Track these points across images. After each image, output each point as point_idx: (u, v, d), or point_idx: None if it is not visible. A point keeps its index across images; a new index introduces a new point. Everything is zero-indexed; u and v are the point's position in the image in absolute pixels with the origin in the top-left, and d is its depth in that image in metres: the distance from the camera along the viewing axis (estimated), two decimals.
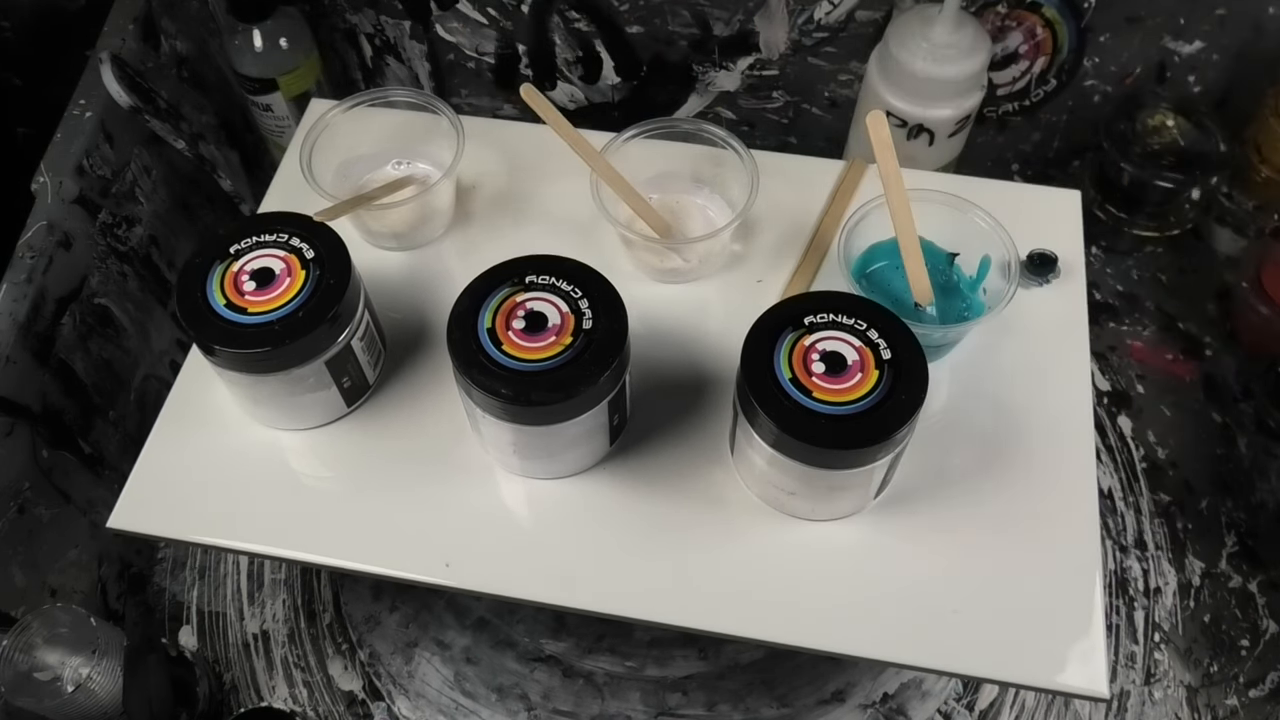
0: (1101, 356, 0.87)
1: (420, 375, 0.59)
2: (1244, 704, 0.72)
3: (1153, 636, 0.75)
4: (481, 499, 0.55)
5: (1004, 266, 0.57)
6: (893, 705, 0.72)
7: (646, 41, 0.87)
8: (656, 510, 0.55)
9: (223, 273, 0.53)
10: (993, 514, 0.54)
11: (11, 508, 0.67)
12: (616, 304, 0.51)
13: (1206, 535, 0.78)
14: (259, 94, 0.87)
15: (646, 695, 0.73)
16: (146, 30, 0.82)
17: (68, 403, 0.72)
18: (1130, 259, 0.91)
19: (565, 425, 0.50)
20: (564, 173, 0.67)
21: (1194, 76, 0.86)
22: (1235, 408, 0.83)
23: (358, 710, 0.74)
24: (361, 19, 0.91)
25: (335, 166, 0.64)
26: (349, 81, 0.97)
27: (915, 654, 0.51)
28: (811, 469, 0.49)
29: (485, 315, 0.50)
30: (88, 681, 0.62)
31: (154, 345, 0.82)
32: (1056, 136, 0.92)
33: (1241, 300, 0.84)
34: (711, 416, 0.57)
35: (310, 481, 0.56)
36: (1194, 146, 0.84)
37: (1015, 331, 0.60)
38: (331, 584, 0.78)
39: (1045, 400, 0.58)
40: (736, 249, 0.64)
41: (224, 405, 0.58)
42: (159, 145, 0.82)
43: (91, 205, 0.75)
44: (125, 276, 0.78)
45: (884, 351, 0.49)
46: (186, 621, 0.78)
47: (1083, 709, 0.72)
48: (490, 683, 0.74)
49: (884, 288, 0.60)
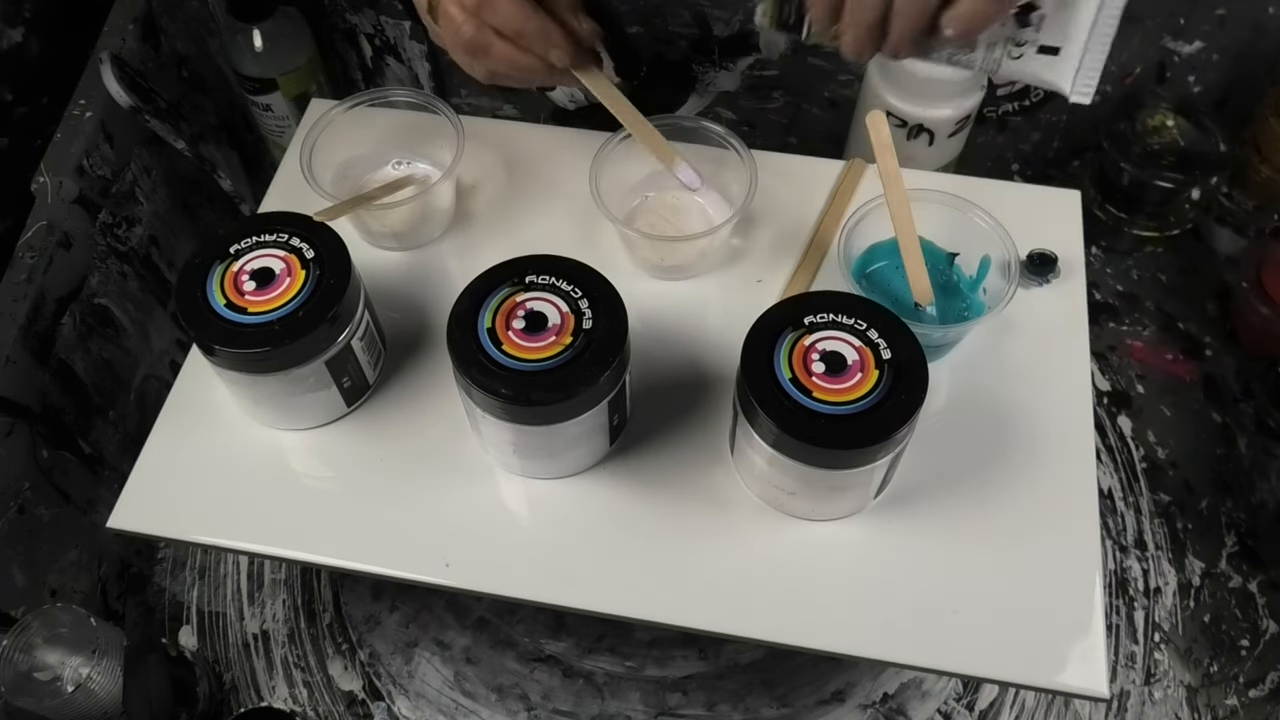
0: (1101, 356, 0.87)
1: (420, 375, 0.59)
2: (1244, 704, 0.72)
3: (1153, 636, 0.75)
4: (481, 499, 0.55)
5: (1004, 266, 0.57)
6: (893, 705, 0.72)
7: (646, 41, 0.87)
8: (656, 510, 0.55)
9: (223, 273, 0.53)
10: (993, 514, 0.54)
11: (11, 508, 0.67)
12: (616, 304, 0.51)
13: (1206, 535, 0.78)
14: (259, 94, 0.87)
15: (646, 695, 0.73)
16: (146, 30, 0.82)
17: (68, 403, 0.72)
18: (1130, 259, 0.91)
19: (565, 425, 0.50)
20: (563, 173, 0.67)
21: (1194, 76, 0.86)
22: (1235, 408, 0.83)
23: (358, 710, 0.74)
24: (361, 19, 0.91)
25: (335, 166, 0.64)
26: (349, 81, 0.97)
27: (915, 654, 0.51)
28: (811, 469, 0.49)
29: (485, 315, 0.50)
30: (88, 681, 0.62)
31: (154, 345, 0.82)
32: (1056, 136, 0.92)
33: (1241, 300, 0.84)
34: (711, 416, 0.57)
35: (310, 481, 0.56)
36: (1194, 146, 0.84)
37: (1015, 331, 0.60)
38: (331, 584, 0.78)
39: (1045, 400, 0.58)
40: (736, 243, 0.64)
41: (224, 405, 0.58)
42: (159, 145, 0.82)
43: (91, 205, 0.75)
44: (125, 276, 0.78)
45: (884, 351, 0.49)
46: (186, 621, 0.78)
47: (1083, 709, 0.72)
48: (490, 683, 0.74)
49: (884, 288, 0.60)
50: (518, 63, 0.57)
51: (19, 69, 0.75)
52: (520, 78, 0.58)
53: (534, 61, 0.57)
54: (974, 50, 0.47)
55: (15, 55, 0.75)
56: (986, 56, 0.47)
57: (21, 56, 0.75)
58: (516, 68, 0.57)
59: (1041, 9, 0.45)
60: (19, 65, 0.75)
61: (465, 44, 0.56)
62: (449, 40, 0.57)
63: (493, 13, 0.55)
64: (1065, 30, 0.45)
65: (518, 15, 0.55)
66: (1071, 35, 0.44)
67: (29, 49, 0.76)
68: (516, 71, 0.57)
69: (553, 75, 0.58)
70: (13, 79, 0.75)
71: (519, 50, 0.56)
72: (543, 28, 0.56)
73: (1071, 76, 0.45)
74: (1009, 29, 0.46)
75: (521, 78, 0.58)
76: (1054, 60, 0.45)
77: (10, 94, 0.75)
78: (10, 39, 0.74)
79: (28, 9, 0.75)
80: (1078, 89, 0.46)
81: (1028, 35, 0.45)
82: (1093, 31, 0.44)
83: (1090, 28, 0.44)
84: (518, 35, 0.55)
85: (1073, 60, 0.45)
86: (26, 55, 0.76)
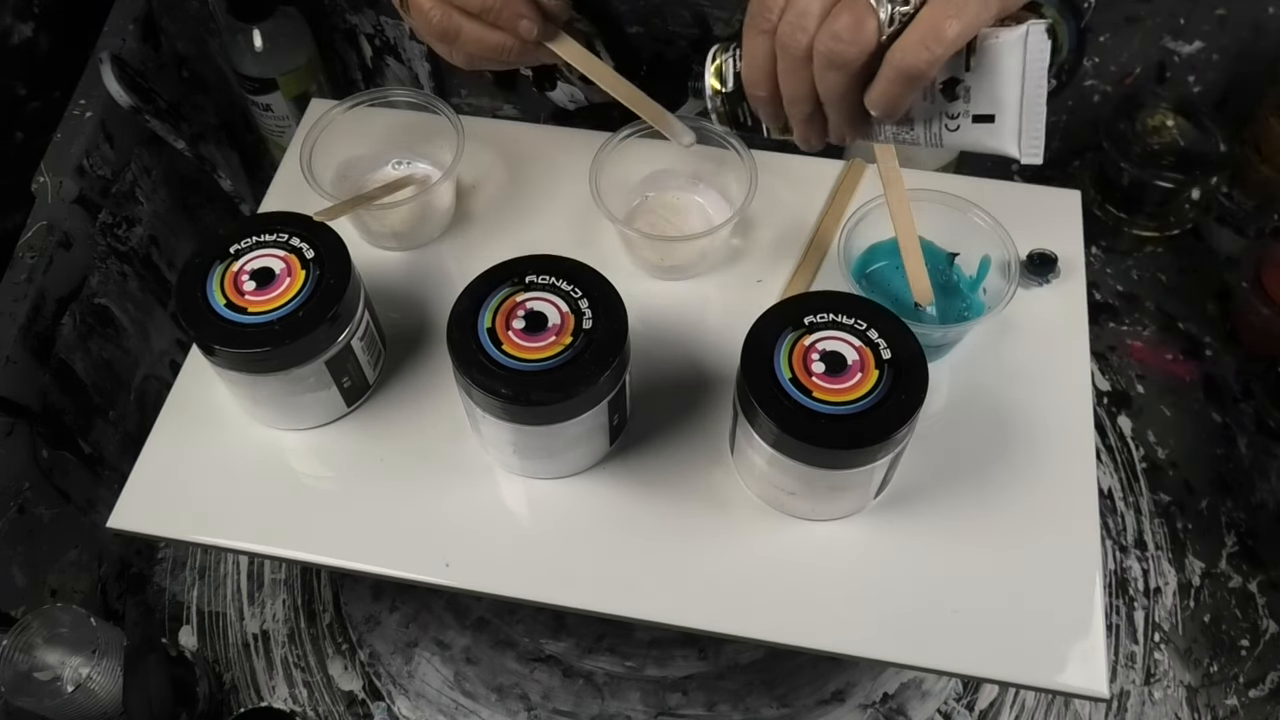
0: (1101, 356, 0.87)
1: (420, 375, 0.59)
2: (1244, 704, 0.72)
3: (1153, 636, 0.75)
4: (481, 499, 0.55)
5: (1004, 266, 0.57)
6: (893, 705, 0.72)
7: (646, 41, 0.87)
8: (656, 510, 0.55)
9: (223, 273, 0.53)
10: (993, 514, 0.54)
11: (11, 508, 0.67)
12: (616, 304, 0.51)
13: (1206, 535, 0.78)
14: (259, 94, 0.87)
15: (646, 695, 0.73)
16: (146, 30, 0.82)
17: (68, 403, 0.72)
18: (1130, 259, 0.92)
19: (565, 425, 0.50)
20: (563, 173, 0.67)
21: (1194, 76, 0.86)
22: (1235, 408, 0.83)
23: (358, 710, 0.74)
24: (361, 19, 0.91)
25: (335, 166, 0.64)
26: (349, 81, 0.97)
27: (915, 654, 0.51)
28: (811, 469, 0.49)
29: (485, 315, 0.50)
30: (88, 681, 0.62)
31: (154, 345, 0.82)
32: (1056, 136, 0.92)
33: (1241, 300, 0.84)
34: (711, 416, 0.57)
35: (310, 481, 0.56)
36: (1194, 146, 0.84)
37: (1015, 331, 0.60)
38: (331, 584, 0.78)
39: (1045, 400, 0.58)
40: (736, 243, 0.64)
41: (224, 405, 0.58)
42: (159, 145, 0.82)
43: (91, 205, 0.75)
44: (125, 276, 0.78)
45: (884, 351, 0.49)
46: (186, 621, 0.78)
47: (1083, 709, 0.72)
48: (490, 683, 0.74)
49: (884, 288, 0.60)
50: (489, 41, 0.57)
51: (30, 63, 0.75)
52: (496, 57, 0.58)
53: (505, 38, 0.57)
54: (913, 128, 0.48)
55: (26, 50, 0.75)
56: (926, 131, 0.48)
57: (32, 51, 0.76)
58: (489, 47, 0.57)
59: (964, 81, 0.45)
60: (30, 60, 0.75)
61: (436, 30, 0.56)
62: (421, 30, 0.57)
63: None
64: (994, 97, 0.45)
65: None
66: (1002, 101, 0.45)
67: (39, 44, 0.76)
68: (490, 51, 0.57)
69: (527, 50, 0.58)
70: (24, 73, 0.75)
71: (488, 28, 0.56)
72: (508, 2, 0.56)
73: (1015, 140, 0.46)
74: (938, 104, 0.46)
75: (498, 57, 0.58)
76: (992, 127, 0.46)
77: (23, 88, 0.75)
78: (21, 33, 0.74)
79: (37, 4, 0.75)
80: (1025, 151, 0.46)
81: (959, 108, 0.46)
82: (1023, 95, 0.44)
83: (1020, 92, 0.44)
84: (484, 11, 0.56)
85: (1011, 125, 0.45)
86: (37, 50, 0.76)
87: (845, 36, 0.43)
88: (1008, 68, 0.44)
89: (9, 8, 0.73)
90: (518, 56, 0.58)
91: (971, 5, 0.42)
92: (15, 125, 0.75)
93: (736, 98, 0.53)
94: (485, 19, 0.56)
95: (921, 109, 0.47)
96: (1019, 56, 0.43)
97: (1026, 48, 0.43)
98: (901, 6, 0.43)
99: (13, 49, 0.74)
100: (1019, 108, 0.45)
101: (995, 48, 0.44)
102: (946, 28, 0.41)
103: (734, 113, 0.54)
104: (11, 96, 0.75)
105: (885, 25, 0.43)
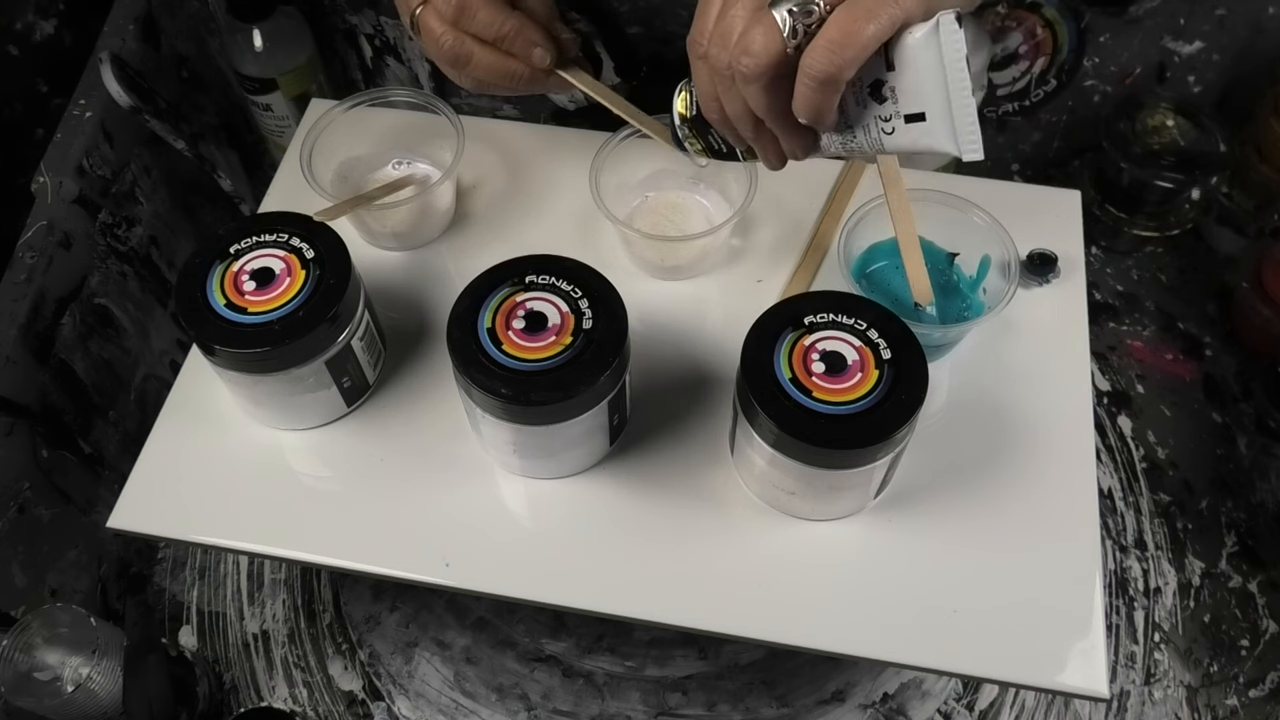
0: (1101, 356, 0.87)
1: (420, 375, 0.59)
2: (1244, 704, 0.72)
3: (1153, 636, 0.75)
4: (481, 499, 0.55)
5: (1004, 266, 0.57)
6: (893, 705, 0.72)
7: (646, 41, 0.87)
8: (656, 510, 0.55)
9: (223, 273, 0.53)
10: (992, 514, 0.54)
11: (11, 508, 0.67)
12: (616, 304, 0.51)
13: (1206, 535, 0.78)
14: (259, 94, 0.87)
15: (646, 695, 0.73)
16: (146, 30, 0.82)
17: (68, 403, 0.72)
18: (1130, 259, 0.92)
19: (565, 425, 0.50)
20: (563, 172, 0.67)
21: (1194, 76, 0.86)
22: (1235, 408, 0.83)
23: (358, 710, 0.74)
24: (361, 19, 0.91)
25: (335, 166, 0.64)
26: (349, 81, 0.97)
27: (915, 654, 0.51)
28: (811, 469, 0.49)
29: (485, 315, 0.50)
30: (88, 681, 0.62)
31: (154, 345, 0.82)
32: (1056, 136, 0.92)
33: (1241, 300, 0.84)
34: (711, 416, 0.57)
35: (310, 481, 0.56)
36: (1194, 146, 0.84)
37: (1015, 331, 0.60)
38: (331, 584, 0.79)
39: (1045, 400, 0.58)
40: (736, 243, 0.64)
41: (224, 405, 0.58)
42: (159, 145, 0.82)
43: (91, 205, 0.75)
44: (125, 276, 0.78)
45: (884, 351, 0.49)
46: (186, 621, 0.78)
47: (1083, 709, 0.72)
48: (490, 683, 0.74)
49: (884, 288, 0.60)
50: (501, 68, 0.57)
51: (53, 60, 0.75)
52: (506, 85, 0.58)
53: (517, 66, 0.57)
54: (855, 135, 0.48)
55: (49, 46, 0.75)
56: (867, 137, 0.48)
57: (54, 48, 0.76)
58: (500, 74, 0.57)
59: (889, 82, 0.45)
60: (53, 56, 0.75)
61: (447, 55, 0.56)
62: (431, 53, 0.57)
63: (470, 20, 0.55)
64: (918, 95, 0.45)
65: (495, 20, 0.55)
66: (926, 97, 0.45)
67: (61, 40, 0.76)
68: (501, 79, 0.57)
69: (537, 80, 0.58)
70: (47, 70, 0.75)
71: (501, 55, 0.56)
72: (522, 30, 0.56)
73: (951, 137, 0.45)
74: (871, 108, 0.46)
75: (507, 85, 0.58)
76: (926, 126, 0.46)
77: (45, 85, 0.75)
78: (43, 30, 0.74)
79: (61, 1, 0.75)
80: (964, 148, 0.46)
81: (889, 109, 0.46)
82: (947, 88, 0.44)
83: (944, 86, 0.44)
84: (498, 40, 0.56)
85: (942, 121, 0.45)
86: (59, 47, 0.76)
87: (751, 49, 0.43)
88: (925, 63, 0.44)
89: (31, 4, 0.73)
90: (528, 84, 0.58)
91: (885, 7, 0.42)
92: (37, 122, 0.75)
93: (703, 125, 0.53)
94: (499, 46, 0.56)
95: (857, 114, 0.47)
96: (935, 49, 0.43)
97: (940, 39, 0.43)
98: (804, 18, 0.43)
99: (35, 46, 0.74)
100: (946, 102, 0.44)
101: (910, 44, 0.43)
102: (854, 31, 0.42)
103: (707, 141, 0.55)
104: (34, 93, 0.75)
105: (789, 36, 0.43)
